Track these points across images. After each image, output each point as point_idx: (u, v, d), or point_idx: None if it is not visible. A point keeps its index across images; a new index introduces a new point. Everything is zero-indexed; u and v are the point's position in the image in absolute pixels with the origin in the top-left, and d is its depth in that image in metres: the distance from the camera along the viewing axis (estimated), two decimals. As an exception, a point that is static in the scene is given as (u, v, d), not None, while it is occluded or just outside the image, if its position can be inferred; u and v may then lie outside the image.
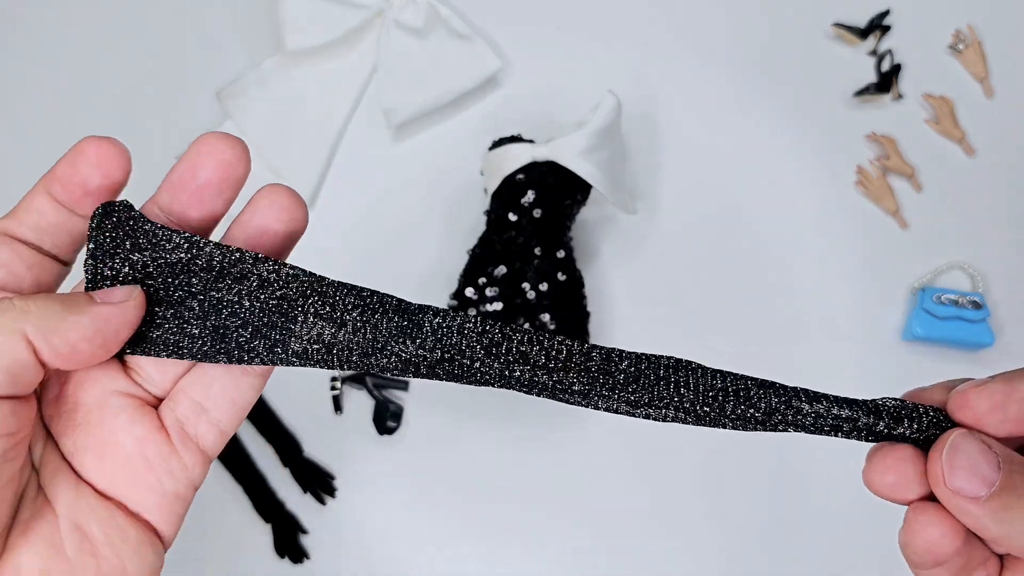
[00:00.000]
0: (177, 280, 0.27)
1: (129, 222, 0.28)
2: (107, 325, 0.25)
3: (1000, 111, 0.60)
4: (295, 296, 0.29)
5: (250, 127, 0.58)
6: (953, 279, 0.58)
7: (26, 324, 0.24)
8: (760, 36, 0.61)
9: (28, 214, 0.28)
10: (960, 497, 0.25)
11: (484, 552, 0.55)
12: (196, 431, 0.27)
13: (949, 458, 0.26)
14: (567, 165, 0.49)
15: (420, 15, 0.59)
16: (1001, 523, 0.25)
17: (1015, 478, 0.25)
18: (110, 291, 0.26)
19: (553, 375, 0.27)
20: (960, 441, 0.26)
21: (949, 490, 0.25)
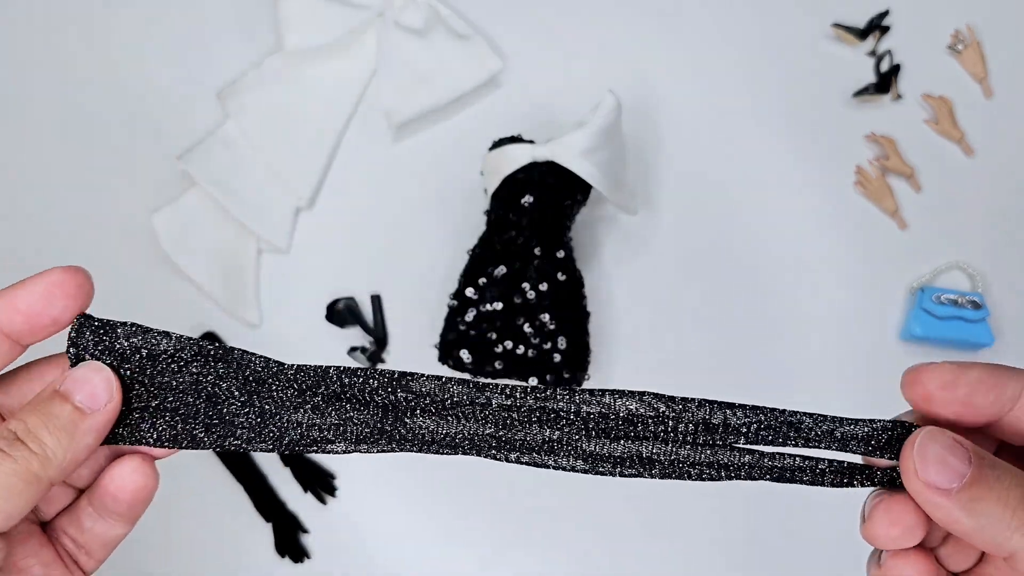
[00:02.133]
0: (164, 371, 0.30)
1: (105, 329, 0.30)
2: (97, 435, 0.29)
3: (999, 111, 0.60)
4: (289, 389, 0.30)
5: (250, 127, 0.58)
6: (952, 279, 0.58)
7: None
8: (760, 36, 0.61)
9: None
10: (931, 490, 0.26)
11: (485, 552, 0.55)
12: (79, 559, 0.31)
13: (920, 452, 0.26)
14: (567, 165, 0.49)
15: (420, 15, 0.59)
16: (972, 515, 0.26)
17: (984, 471, 0.26)
18: (94, 396, 0.29)
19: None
20: (930, 436, 0.27)
21: (921, 482, 0.26)
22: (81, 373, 0.29)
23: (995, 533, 0.26)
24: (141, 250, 0.58)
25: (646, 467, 0.29)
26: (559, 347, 0.50)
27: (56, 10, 0.63)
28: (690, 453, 0.29)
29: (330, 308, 0.57)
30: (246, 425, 0.30)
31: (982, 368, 0.28)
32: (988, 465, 0.26)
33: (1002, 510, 0.25)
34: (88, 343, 0.29)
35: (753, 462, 0.29)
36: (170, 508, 0.56)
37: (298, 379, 0.29)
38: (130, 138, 0.61)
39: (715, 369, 0.57)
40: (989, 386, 0.28)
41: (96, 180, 0.60)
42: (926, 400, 0.28)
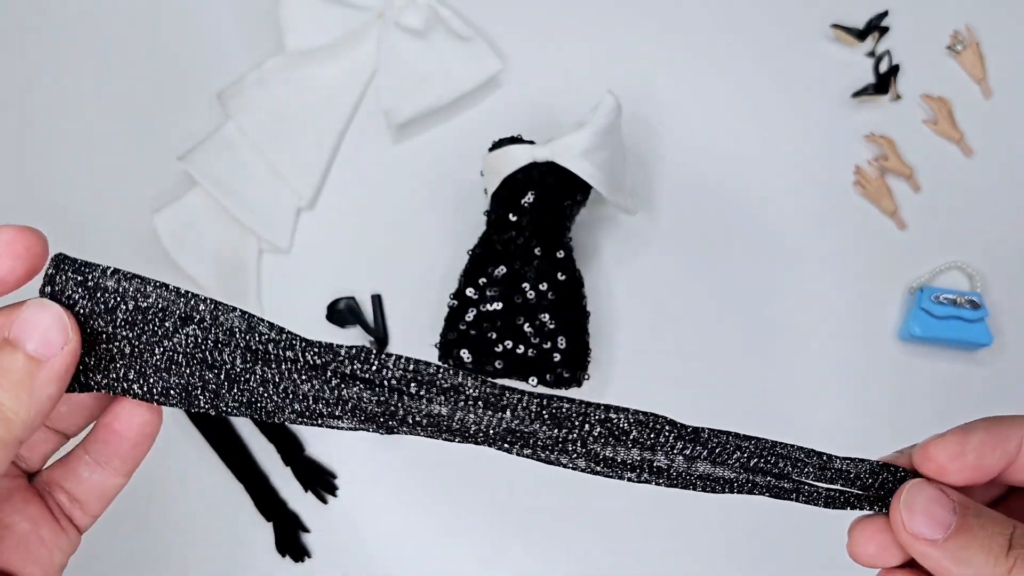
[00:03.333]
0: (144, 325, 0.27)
1: (83, 270, 0.27)
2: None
3: (998, 111, 0.60)
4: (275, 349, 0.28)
5: (251, 127, 0.59)
6: (951, 279, 0.58)
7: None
8: (759, 37, 0.61)
9: None
10: (920, 541, 0.27)
11: (485, 551, 0.55)
12: (72, 515, 0.30)
13: (907, 504, 0.28)
14: (567, 165, 0.50)
15: (420, 16, 0.59)
16: (959, 563, 0.27)
17: (969, 520, 0.27)
18: (47, 341, 0.26)
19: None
20: (917, 488, 0.28)
21: (909, 535, 0.28)
22: (29, 315, 0.26)
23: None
24: (142, 250, 0.58)
25: (653, 475, 0.30)
26: (559, 347, 0.50)
27: (56, 10, 0.63)
28: (688, 468, 0.30)
29: (331, 308, 0.57)
30: (246, 390, 0.27)
31: (984, 428, 0.30)
32: (972, 514, 0.27)
33: (985, 557, 0.27)
34: (66, 285, 0.27)
35: (752, 480, 0.30)
36: (170, 508, 0.57)
37: (307, 354, 0.27)
38: (131, 139, 0.61)
39: (715, 369, 0.57)
40: (993, 445, 0.29)
41: (97, 180, 0.60)
42: (940, 474, 0.29)
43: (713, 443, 0.29)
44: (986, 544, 0.27)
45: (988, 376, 0.57)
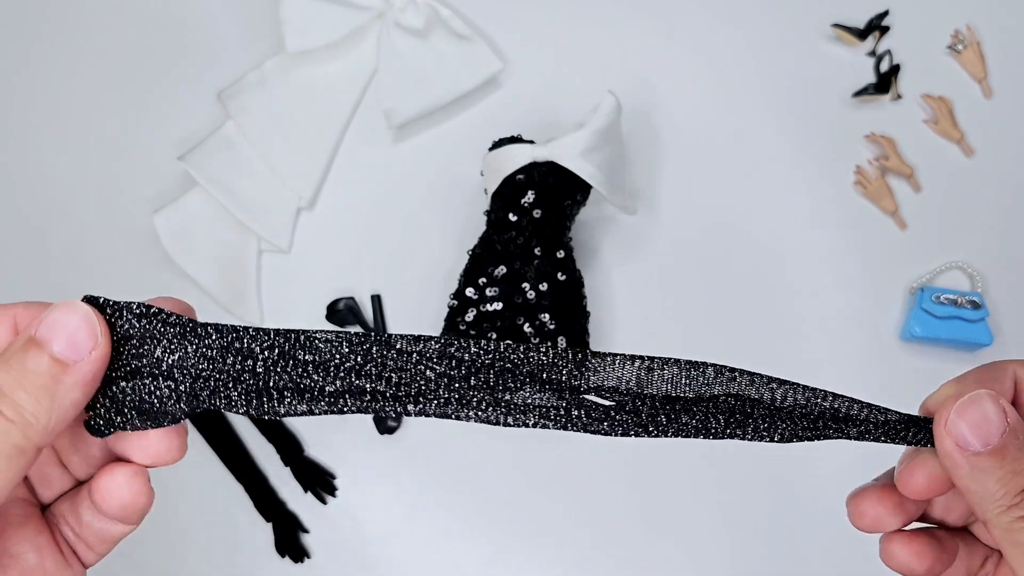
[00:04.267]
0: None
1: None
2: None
3: (999, 111, 0.60)
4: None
5: (251, 128, 0.59)
6: (952, 279, 0.58)
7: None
8: (759, 37, 0.61)
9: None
10: (957, 448, 0.28)
11: (484, 551, 0.55)
12: (78, 550, 0.28)
13: (960, 409, 0.28)
14: (567, 165, 0.50)
15: (420, 16, 0.59)
16: (975, 480, 0.27)
17: (1010, 447, 0.27)
18: (75, 344, 0.25)
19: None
20: (977, 397, 0.28)
21: (952, 438, 0.28)
22: (57, 316, 0.25)
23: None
24: (142, 250, 0.58)
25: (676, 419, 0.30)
26: (559, 347, 0.50)
27: (56, 10, 0.63)
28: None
29: (331, 308, 0.57)
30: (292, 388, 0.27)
31: (974, 375, 0.31)
32: (1015, 445, 0.27)
33: (997, 487, 0.27)
34: (108, 306, 0.26)
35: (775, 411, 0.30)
36: (171, 508, 0.56)
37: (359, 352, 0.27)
38: (131, 138, 0.61)
39: (715, 369, 0.57)
40: (988, 386, 0.29)
41: (97, 180, 0.60)
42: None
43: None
44: (1005, 476, 0.27)
45: (989, 376, 0.57)
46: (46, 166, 0.61)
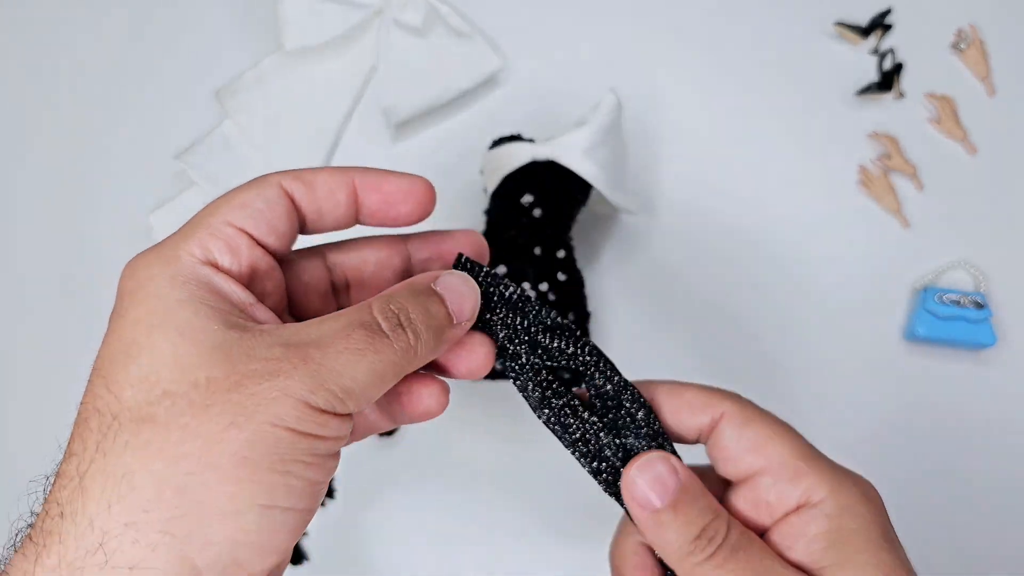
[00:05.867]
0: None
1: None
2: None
3: (1002, 110, 0.60)
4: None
5: (249, 126, 0.58)
6: (955, 278, 0.58)
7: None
8: (761, 35, 0.61)
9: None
10: (639, 506, 0.32)
11: (484, 553, 0.55)
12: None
13: (639, 468, 0.33)
14: (567, 164, 0.49)
15: (419, 14, 0.58)
16: (659, 534, 0.32)
17: (685, 498, 0.32)
18: (462, 308, 0.31)
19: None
20: (651, 458, 0.33)
21: (634, 499, 0.33)
22: (455, 282, 0.31)
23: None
24: (139, 248, 0.58)
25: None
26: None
27: (56, 10, 0.63)
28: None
29: (329, 308, 0.57)
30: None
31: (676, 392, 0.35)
32: (690, 495, 0.32)
33: (677, 535, 0.32)
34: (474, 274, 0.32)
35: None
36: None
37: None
38: (128, 137, 0.61)
39: (716, 369, 0.56)
40: (689, 412, 0.35)
41: (94, 179, 0.60)
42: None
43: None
44: (680, 528, 0.31)
45: (992, 376, 0.56)
46: (42, 164, 0.61)
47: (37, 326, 0.58)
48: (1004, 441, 0.55)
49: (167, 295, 0.28)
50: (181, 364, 0.26)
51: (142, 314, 0.28)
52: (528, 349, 0.33)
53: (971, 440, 0.55)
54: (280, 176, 0.31)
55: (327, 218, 0.32)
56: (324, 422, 0.27)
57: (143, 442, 0.25)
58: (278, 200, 0.31)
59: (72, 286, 0.58)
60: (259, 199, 0.30)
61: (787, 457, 0.32)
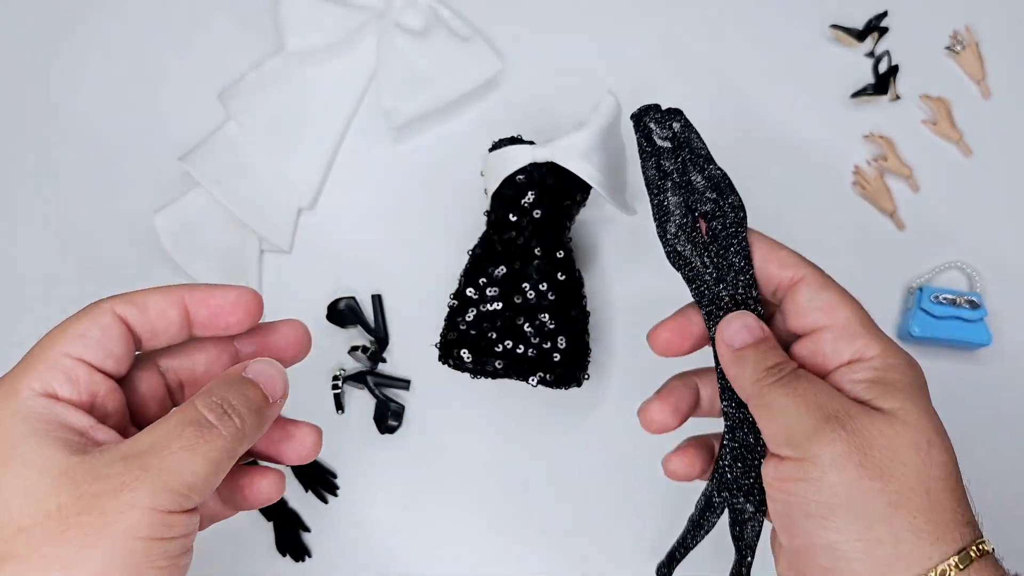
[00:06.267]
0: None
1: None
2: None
3: (997, 112, 0.60)
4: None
5: (252, 128, 0.59)
6: (951, 279, 0.58)
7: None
8: (759, 38, 0.62)
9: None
10: (725, 346, 0.40)
11: (485, 550, 0.55)
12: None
13: (728, 320, 0.40)
14: (567, 166, 0.50)
15: (420, 17, 0.59)
16: (736, 365, 0.39)
17: (762, 345, 0.39)
18: (274, 388, 0.35)
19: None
20: (739, 314, 0.40)
21: (723, 340, 0.40)
22: (263, 367, 0.34)
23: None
24: (143, 250, 0.58)
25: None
26: (559, 347, 0.50)
27: (57, 11, 0.63)
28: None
29: (331, 308, 0.57)
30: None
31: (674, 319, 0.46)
32: (767, 343, 0.39)
33: (752, 368, 0.38)
34: None
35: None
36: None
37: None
38: (132, 139, 0.61)
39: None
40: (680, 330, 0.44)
41: (98, 180, 0.60)
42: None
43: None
44: (757, 361, 0.38)
45: (987, 375, 0.57)
46: (47, 166, 0.61)
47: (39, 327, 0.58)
48: (1000, 440, 0.56)
49: (10, 431, 0.30)
50: (32, 496, 0.28)
51: None
52: (683, 182, 0.41)
53: (967, 439, 0.55)
54: (112, 302, 0.33)
55: (161, 336, 0.34)
56: (173, 522, 0.29)
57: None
58: (112, 326, 0.33)
59: (75, 287, 0.58)
60: (94, 328, 0.32)
61: (850, 320, 0.38)
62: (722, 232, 0.42)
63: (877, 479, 0.34)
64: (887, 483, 0.34)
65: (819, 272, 0.40)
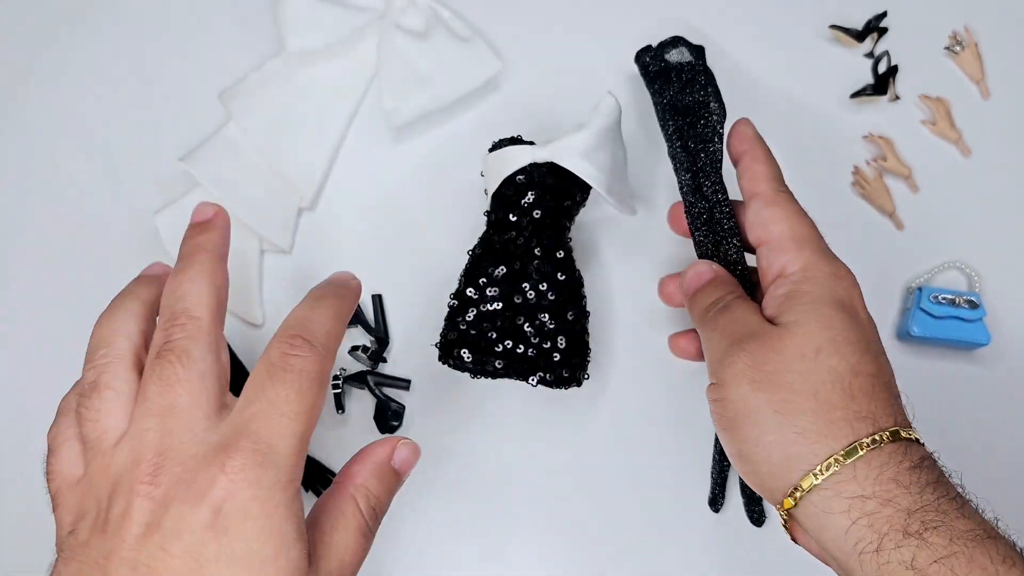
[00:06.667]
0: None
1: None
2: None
3: (996, 112, 0.60)
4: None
5: (252, 128, 0.59)
6: (950, 279, 0.58)
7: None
8: (758, 39, 0.62)
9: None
10: (684, 292, 0.47)
11: (486, 550, 0.55)
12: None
13: (689, 268, 0.47)
14: (567, 166, 0.50)
15: (421, 17, 0.59)
16: (692, 308, 0.46)
17: (706, 286, 0.46)
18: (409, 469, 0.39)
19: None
20: (696, 264, 0.47)
21: (682, 287, 0.47)
22: (407, 455, 0.38)
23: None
24: (144, 250, 0.58)
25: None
26: (559, 347, 0.50)
27: (58, 12, 0.63)
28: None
29: (332, 308, 0.57)
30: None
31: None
32: (713, 282, 0.46)
33: (698, 309, 0.45)
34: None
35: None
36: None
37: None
38: (132, 139, 0.61)
39: (714, 368, 0.57)
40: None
41: (99, 181, 0.60)
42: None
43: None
44: (700, 302, 0.44)
45: (986, 375, 0.57)
46: (47, 166, 0.61)
47: (40, 327, 0.58)
48: (998, 440, 0.56)
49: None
50: None
51: None
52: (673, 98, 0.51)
53: (965, 439, 0.56)
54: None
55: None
56: None
57: None
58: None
59: (76, 287, 0.58)
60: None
61: (782, 236, 0.42)
62: (703, 132, 0.49)
63: (765, 390, 0.38)
64: (775, 393, 0.38)
65: (777, 191, 0.44)
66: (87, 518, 0.31)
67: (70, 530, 0.32)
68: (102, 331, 0.37)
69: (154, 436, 0.32)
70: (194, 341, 0.34)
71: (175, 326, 0.34)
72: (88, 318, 0.38)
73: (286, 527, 0.30)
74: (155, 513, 0.30)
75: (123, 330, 0.36)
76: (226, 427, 0.32)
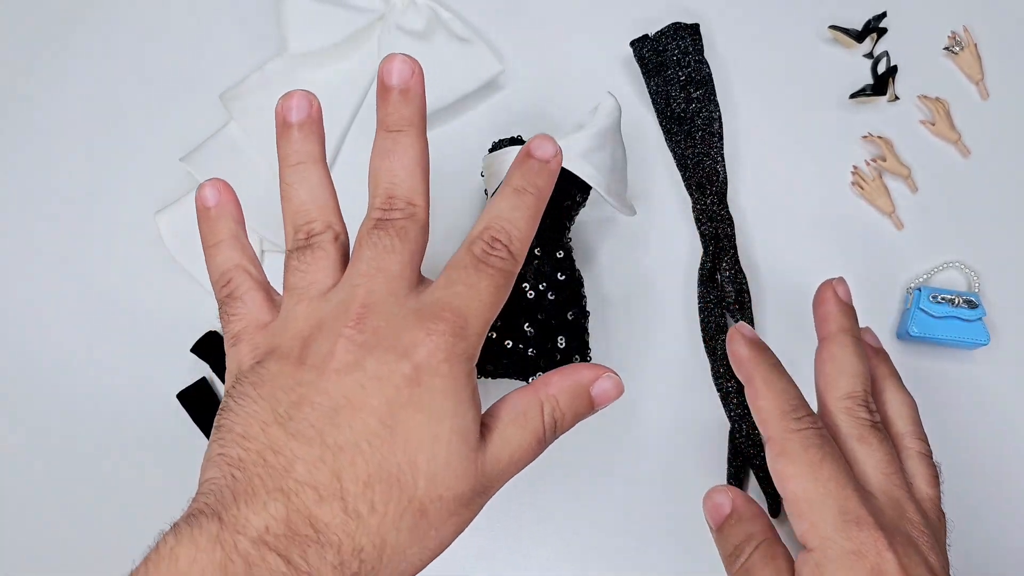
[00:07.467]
0: None
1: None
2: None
3: (995, 112, 0.61)
4: None
5: (253, 129, 0.59)
6: (949, 279, 0.58)
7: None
8: (757, 39, 0.62)
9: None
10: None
11: (486, 549, 0.56)
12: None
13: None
14: (567, 166, 0.50)
15: (421, 18, 0.59)
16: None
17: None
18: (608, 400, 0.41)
19: None
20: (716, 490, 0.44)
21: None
22: (607, 387, 0.40)
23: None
24: (145, 250, 0.58)
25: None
26: (559, 347, 0.50)
27: (58, 12, 0.63)
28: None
29: (332, 308, 0.57)
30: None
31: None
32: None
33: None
34: None
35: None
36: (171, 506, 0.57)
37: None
38: (133, 140, 0.61)
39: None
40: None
41: (99, 181, 0.60)
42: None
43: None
44: (722, 542, 0.43)
45: (986, 375, 0.57)
46: (48, 166, 0.61)
47: (41, 327, 0.58)
48: (998, 440, 0.56)
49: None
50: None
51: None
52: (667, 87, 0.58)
53: (965, 439, 0.56)
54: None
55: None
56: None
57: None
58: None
59: (77, 287, 0.58)
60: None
61: (797, 499, 0.38)
62: (702, 132, 0.54)
63: None
64: None
65: (784, 431, 0.40)
66: (279, 353, 0.35)
67: (258, 361, 0.35)
68: (301, 206, 0.42)
69: (363, 292, 0.35)
70: (412, 222, 0.38)
71: (395, 209, 0.38)
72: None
73: (464, 392, 0.34)
74: (358, 354, 0.33)
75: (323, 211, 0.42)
76: (428, 297, 0.36)
